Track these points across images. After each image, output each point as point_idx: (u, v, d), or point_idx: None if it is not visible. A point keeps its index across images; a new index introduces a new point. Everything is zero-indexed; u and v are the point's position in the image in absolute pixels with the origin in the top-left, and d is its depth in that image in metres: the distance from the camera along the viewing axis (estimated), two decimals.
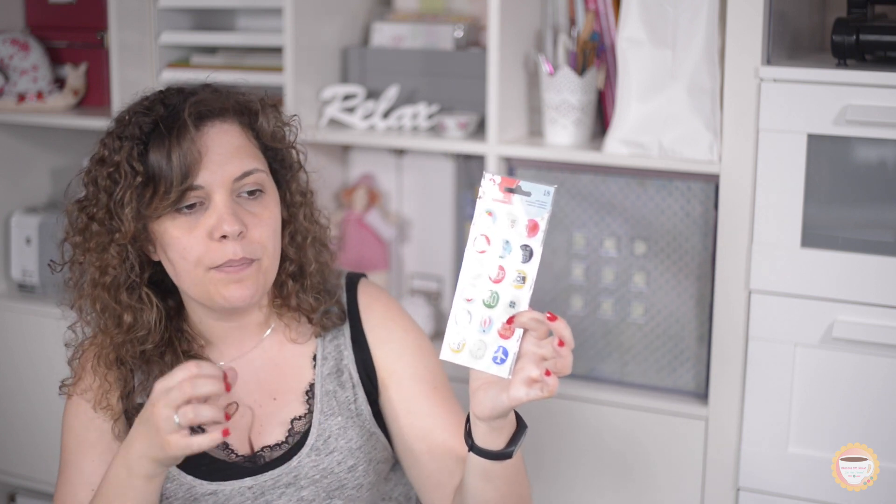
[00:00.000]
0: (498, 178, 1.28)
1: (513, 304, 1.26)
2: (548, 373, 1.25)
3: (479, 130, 2.22)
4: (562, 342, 1.25)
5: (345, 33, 2.37)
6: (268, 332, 1.58)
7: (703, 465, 1.98)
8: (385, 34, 2.35)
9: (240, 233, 1.44)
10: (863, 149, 1.81)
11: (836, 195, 1.85)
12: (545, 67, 2.08)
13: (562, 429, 2.08)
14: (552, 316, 1.25)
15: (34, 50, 2.55)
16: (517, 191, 1.27)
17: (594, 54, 2.08)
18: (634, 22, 1.95)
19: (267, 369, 1.56)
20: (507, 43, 2.08)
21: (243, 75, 2.32)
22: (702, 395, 2.02)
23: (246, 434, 1.54)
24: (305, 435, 1.53)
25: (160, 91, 1.51)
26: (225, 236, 1.44)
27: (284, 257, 1.55)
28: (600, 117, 2.17)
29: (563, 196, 2.06)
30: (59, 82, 2.60)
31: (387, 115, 2.27)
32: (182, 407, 1.28)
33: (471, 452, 1.35)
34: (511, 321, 1.26)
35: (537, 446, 2.06)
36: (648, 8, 1.94)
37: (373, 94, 2.30)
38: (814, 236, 1.84)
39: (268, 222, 1.48)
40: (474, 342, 1.27)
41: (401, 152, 2.37)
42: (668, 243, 2.01)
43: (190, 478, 1.51)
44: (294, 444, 1.53)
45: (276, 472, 1.51)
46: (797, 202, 1.84)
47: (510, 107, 2.12)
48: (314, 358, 1.58)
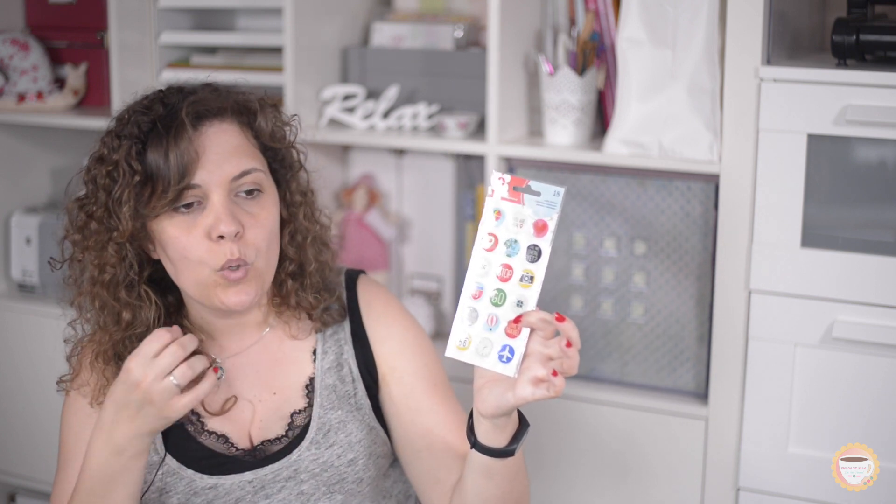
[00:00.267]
0: (507, 178, 1.28)
1: (520, 303, 1.26)
2: (554, 373, 1.25)
3: (479, 130, 2.22)
4: (569, 343, 1.26)
5: (345, 33, 2.37)
6: (267, 329, 1.58)
7: (702, 465, 1.98)
8: (385, 34, 2.35)
9: (237, 233, 1.44)
10: (863, 149, 1.81)
11: (836, 195, 1.85)
12: (545, 67, 2.08)
13: (562, 429, 2.08)
14: (560, 317, 1.26)
15: (34, 50, 2.55)
16: (526, 190, 1.27)
17: (594, 54, 2.08)
18: (634, 22, 1.95)
19: (267, 364, 1.57)
20: (507, 43, 2.08)
21: (243, 75, 2.31)
22: (702, 395, 2.02)
23: (246, 428, 1.54)
24: (305, 429, 1.54)
25: (160, 90, 1.52)
26: (222, 236, 1.44)
27: (284, 256, 1.55)
28: (600, 117, 2.17)
29: (563, 198, 2.06)
30: (59, 82, 2.60)
31: (387, 115, 2.27)
32: (175, 370, 1.35)
33: (473, 449, 1.36)
34: (518, 320, 1.26)
35: (537, 446, 2.06)
36: (648, 8, 1.94)
37: (373, 94, 2.30)
38: (814, 236, 1.84)
39: (264, 223, 1.48)
40: (480, 340, 1.27)
41: (401, 152, 2.37)
42: (668, 243, 2.01)
43: (190, 472, 1.51)
44: (294, 437, 1.53)
45: (275, 465, 1.52)
46: (797, 202, 1.84)
47: (510, 107, 2.12)
48: (314, 352, 1.58)
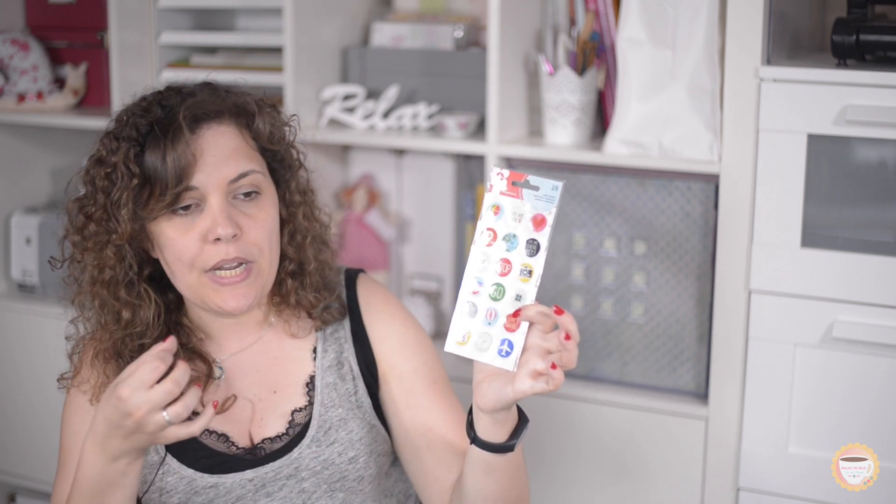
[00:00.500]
0: (506, 173, 1.28)
1: (519, 298, 1.27)
2: (553, 366, 1.25)
3: (479, 130, 2.22)
4: (568, 336, 1.26)
5: (345, 33, 2.37)
6: (267, 328, 1.58)
7: (702, 465, 1.98)
8: (385, 34, 2.35)
9: (234, 235, 1.45)
10: (863, 149, 1.81)
11: (836, 195, 1.85)
12: (545, 67, 2.08)
13: (561, 429, 2.08)
14: (559, 310, 1.26)
15: (34, 50, 2.55)
16: (525, 185, 1.27)
17: (594, 54, 2.08)
18: (634, 22, 1.95)
19: (267, 363, 1.57)
20: (507, 43, 2.08)
21: (243, 75, 2.31)
22: (702, 395, 2.02)
23: (246, 427, 1.54)
24: (306, 427, 1.53)
25: (158, 91, 1.51)
26: (219, 238, 1.44)
27: (284, 256, 1.55)
28: (600, 117, 2.17)
29: (563, 196, 2.04)
30: (59, 82, 2.60)
31: (387, 115, 2.27)
32: (168, 407, 1.31)
33: (472, 445, 1.36)
34: (517, 314, 1.26)
35: (537, 446, 2.06)
36: (648, 8, 1.94)
37: (373, 94, 2.30)
38: (814, 236, 1.84)
39: (263, 224, 1.48)
40: (479, 335, 1.27)
41: (401, 152, 2.37)
42: (668, 243, 2.01)
43: (191, 471, 1.51)
44: (294, 435, 1.53)
45: (276, 463, 1.51)
46: (797, 202, 1.84)
47: (510, 107, 2.12)
48: (314, 351, 1.58)
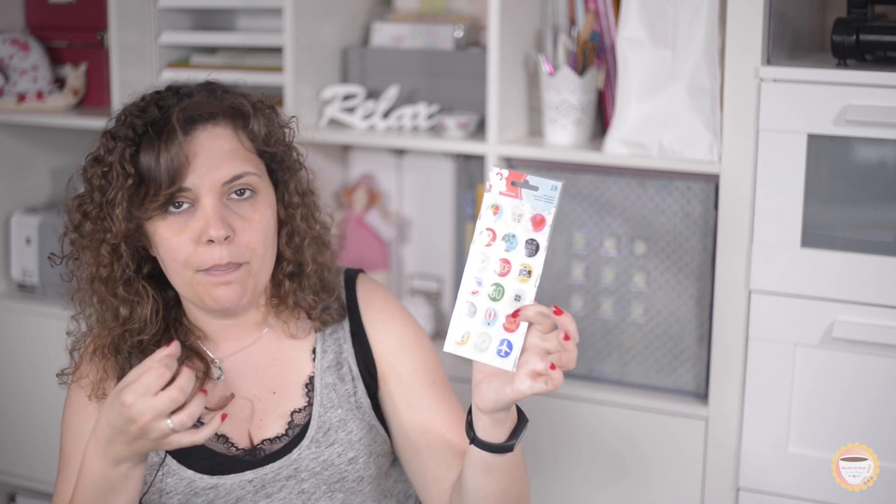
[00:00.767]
0: (505, 173, 1.28)
1: (518, 298, 1.26)
2: (552, 366, 1.25)
3: (479, 130, 2.22)
4: (567, 336, 1.26)
5: (345, 33, 2.37)
6: (266, 329, 1.58)
7: (702, 465, 1.98)
8: (385, 34, 2.35)
9: (227, 237, 1.44)
10: (863, 149, 1.81)
11: (836, 195, 1.85)
12: (545, 67, 2.08)
13: (561, 429, 2.08)
14: (558, 310, 1.26)
15: (34, 50, 2.55)
16: (524, 185, 1.27)
17: (594, 54, 2.08)
18: (634, 22, 1.95)
19: (266, 364, 1.57)
20: (507, 43, 2.08)
21: (243, 75, 2.32)
22: (702, 395, 2.02)
23: (245, 427, 1.54)
24: (305, 427, 1.53)
25: (157, 91, 1.51)
26: (211, 240, 1.44)
27: (282, 257, 1.55)
28: (600, 117, 2.17)
29: (563, 196, 2.04)
30: (59, 82, 2.60)
31: (387, 115, 2.27)
32: (172, 415, 1.31)
33: (472, 445, 1.36)
34: (516, 314, 1.26)
35: (537, 446, 2.06)
36: (648, 8, 1.94)
37: (373, 94, 2.30)
38: (814, 236, 1.84)
39: (258, 226, 1.48)
40: (478, 335, 1.27)
41: (401, 152, 2.37)
42: (668, 243, 2.01)
43: (190, 472, 1.51)
44: (294, 436, 1.53)
45: (276, 464, 1.51)
46: (797, 202, 1.84)
47: (510, 107, 2.12)
48: (313, 351, 1.58)
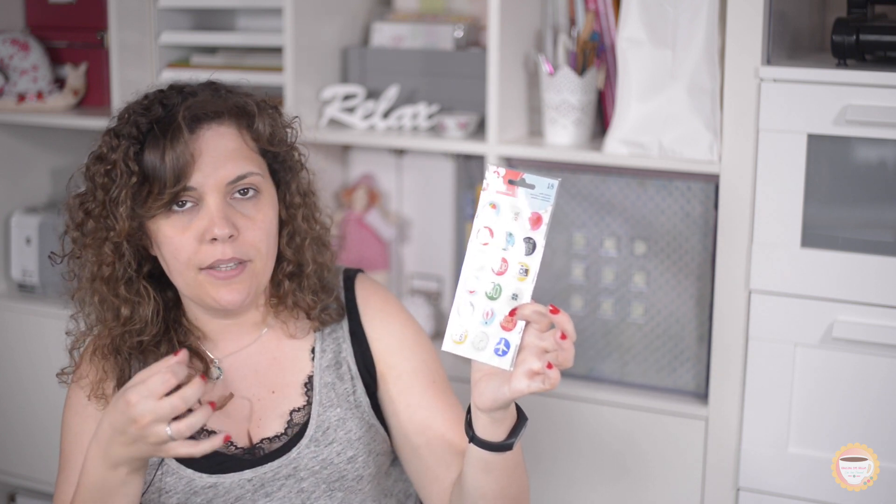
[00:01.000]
0: (502, 171, 1.28)
1: (515, 297, 1.26)
2: (549, 365, 1.25)
3: (479, 130, 2.22)
4: (564, 335, 1.26)
5: (345, 33, 2.37)
6: (265, 329, 1.58)
7: (702, 465, 1.98)
8: (385, 34, 2.35)
9: (230, 236, 1.44)
10: (863, 149, 1.81)
11: (836, 195, 1.85)
12: (545, 67, 2.08)
13: (561, 429, 2.08)
14: (555, 309, 1.26)
15: (34, 50, 2.55)
16: (521, 183, 1.27)
17: (594, 54, 2.08)
18: (634, 22, 1.95)
19: (265, 363, 1.57)
20: (507, 43, 2.08)
21: (243, 75, 2.31)
22: (702, 395, 2.02)
23: (245, 427, 1.54)
24: (304, 426, 1.53)
25: (161, 90, 1.51)
26: (215, 239, 1.44)
27: (282, 257, 1.55)
28: (600, 117, 2.17)
29: (563, 196, 2.06)
30: (59, 82, 2.60)
31: (387, 115, 2.27)
32: (172, 423, 1.30)
33: (471, 444, 1.36)
34: (513, 313, 1.26)
35: (536, 446, 2.06)
36: (648, 8, 1.94)
37: (373, 94, 2.30)
38: (814, 236, 1.84)
39: (261, 225, 1.48)
40: (476, 334, 1.27)
41: (401, 152, 2.37)
42: (668, 243, 2.01)
43: (189, 471, 1.51)
44: (293, 435, 1.53)
45: (275, 463, 1.51)
46: (797, 202, 1.84)
47: (510, 107, 2.12)
48: (312, 351, 1.58)
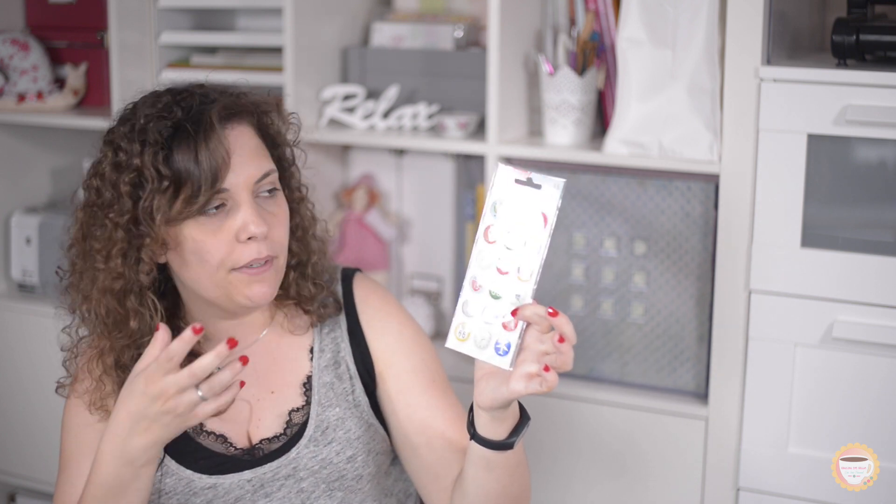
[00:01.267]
0: (509, 170, 1.28)
1: (518, 297, 1.27)
2: (547, 368, 1.25)
3: (479, 130, 2.22)
4: (562, 338, 1.26)
5: (345, 33, 2.37)
6: (265, 330, 1.58)
7: (702, 465, 1.98)
8: (385, 34, 2.35)
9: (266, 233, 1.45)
10: (863, 149, 1.81)
11: (836, 195, 1.85)
12: (545, 67, 2.08)
13: (561, 429, 2.08)
14: (554, 311, 1.26)
15: (34, 50, 2.55)
16: (528, 183, 1.28)
17: (594, 54, 2.08)
18: (634, 22, 1.95)
19: (264, 364, 1.57)
20: (507, 43, 2.08)
21: (243, 75, 2.31)
22: (702, 395, 2.02)
23: (244, 427, 1.54)
24: (303, 426, 1.54)
25: (170, 93, 1.48)
26: (250, 237, 1.44)
27: (288, 251, 1.55)
28: (600, 117, 2.17)
29: (563, 196, 2.06)
30: (59, 82, 2.60)
31: (387, 115, 2.27)
32: (202, 384, 1.31)
33: (473, 442, 1.36)
34: (515, 314, 1.26)
35: (536, 445, 2.06)
36: (648, 8, 1.94)
37: (373, 94, 2.30)
38: (814, 236, 1.84)
39: (283, 221, 1.50)
40: (479, 332, 1.28)
41: (401, 152, 2.37)
42: (668, 243, 2.01)
43: (189, 472, 1.51)
44: (292, 435, 1.54)
45: (274, 464, 1.52)
46: (797, 202, 1.84)
47: (510, 107, 2.12)
48: (311, 350, 1.58)
